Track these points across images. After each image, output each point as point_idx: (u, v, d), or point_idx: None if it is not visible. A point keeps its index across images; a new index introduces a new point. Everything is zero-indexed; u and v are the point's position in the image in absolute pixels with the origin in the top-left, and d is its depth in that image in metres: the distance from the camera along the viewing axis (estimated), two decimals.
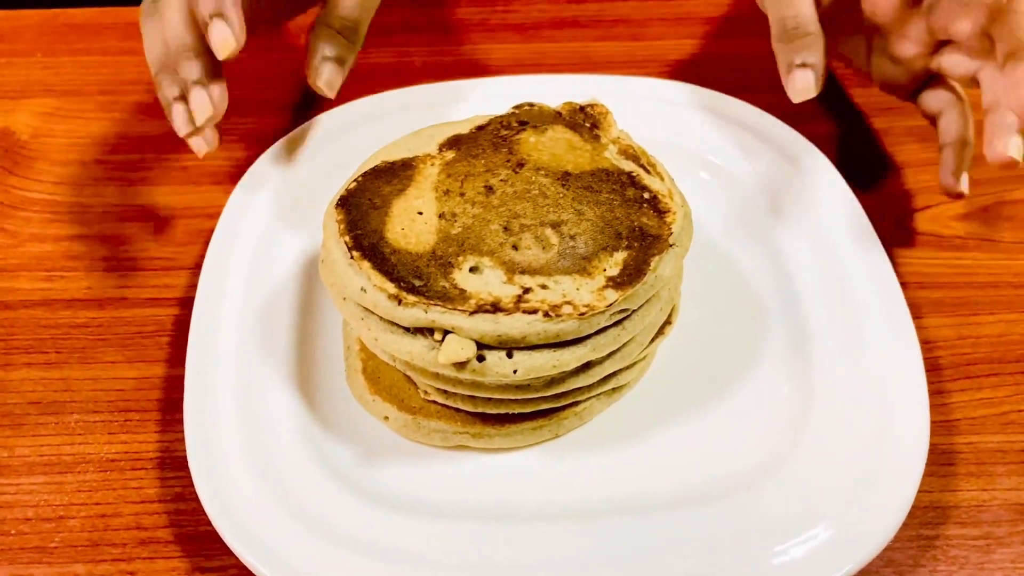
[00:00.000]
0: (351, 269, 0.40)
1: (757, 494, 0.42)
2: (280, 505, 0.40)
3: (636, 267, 0.40)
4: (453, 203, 0.42)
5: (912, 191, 0.57)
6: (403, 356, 0.40)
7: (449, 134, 0.46)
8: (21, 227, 0.55)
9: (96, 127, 0.61)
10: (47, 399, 0.47)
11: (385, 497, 0.42)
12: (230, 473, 0.41)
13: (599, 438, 0.44)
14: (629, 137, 0.47)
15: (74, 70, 0.66)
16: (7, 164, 0.59)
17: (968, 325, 0.50)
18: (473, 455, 0.44)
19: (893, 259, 0.51)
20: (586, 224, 0.41)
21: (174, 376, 0.48)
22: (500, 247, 0.40)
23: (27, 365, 0.49)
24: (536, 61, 0.66)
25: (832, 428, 0.43)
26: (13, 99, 0.63)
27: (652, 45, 0.68)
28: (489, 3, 0.71)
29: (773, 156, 0.55)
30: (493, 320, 0.38)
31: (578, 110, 0.47)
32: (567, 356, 0.40)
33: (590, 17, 0.70)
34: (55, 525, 0.43)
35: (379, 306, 0.39)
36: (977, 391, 0.48)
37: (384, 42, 0.63)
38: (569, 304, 0.39)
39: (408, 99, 0.58)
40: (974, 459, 0.45)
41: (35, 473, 0.44)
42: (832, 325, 0.47)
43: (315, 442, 0.43)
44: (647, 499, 0.42)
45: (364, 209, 0.42)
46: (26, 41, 0.68)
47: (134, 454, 0.45)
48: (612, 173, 0.44)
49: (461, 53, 0.67)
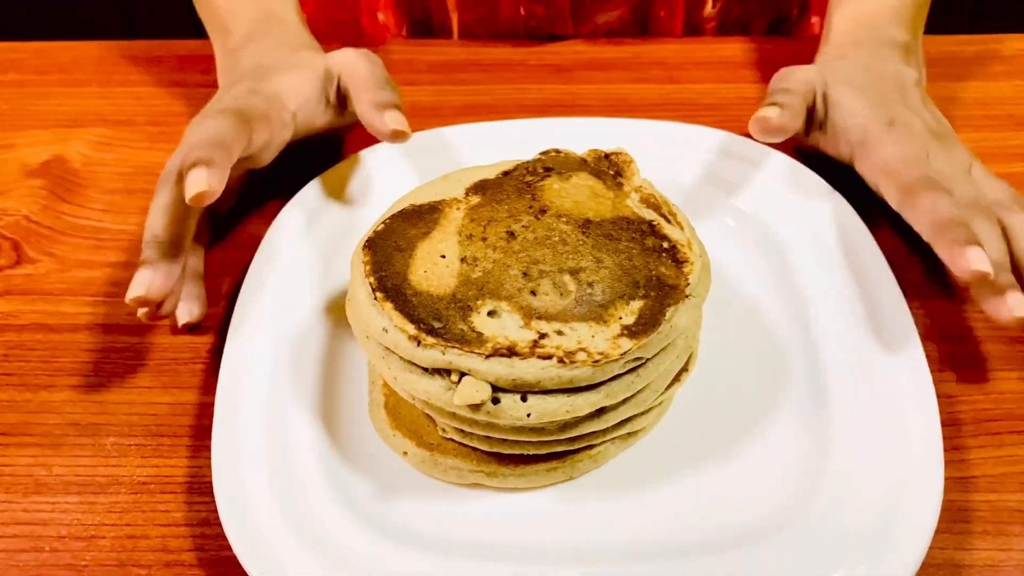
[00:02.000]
0: (374, 309, 0.42)
1: (769, 546, 0.42)
2: (300, 535, 0.42)
3: (651, 316, 0.41)
4: (475, 247, 0.43)
5: None
6: (421, 395, 0.41)
7: (476, 179, 0.47)
8: (69, 253, 0.58)
9: (144, 157, 0.64)
10: (85, 421, 0.49)
11: (401, 531, 0.43)
12: (253, 501, 0.43)
13: (613, 482, 0.45)
14: (651, 186, 0.47)
15: (126, 100, 0.68)
16: (59, 191, 0.62)
17: (991, 380, 0.50)
18: (488, 493, 0.45)
19: (917, 311, 0.51)
20: (604, 272, 0.42)
21: (206, 403, 0.50)
22: (518, 292, 0.42)
23: (68, 387, 0.51)
24: (572, 102, 0.67)
25: (846, 480, 0.44)
26: (68, 127, 0.66)
27: (687, 88, 0.69)
28: (528, 44, 0.72)
29: (799, 204, 0.55)
30: (508, 364, 0.39)
31: (603, 157, 0.48)
32: (580, 402, 0.40)
33: (627, 59, 0.71)
34: (86, 544, 0.45)
35: (399, 346, 0.41)
36: (997, 448, 0.47)
37: (424, 80, 0.65)
38: (584, 351, 0.40)
39: (443, 139, 0.59)
40: (991, 518, 0.45)
41: (70, 492, 0.46)
42: (850, 376, 0.47)
43: (336, 474, 0.45)
44: (658, 545, 0.42)
45: (389, 251, 0.43)
46: (84, 71, 0.71)
47: (164, 478, 0.47)
48: (633, 221, 0.45)
49: (499, 93, 0.68)
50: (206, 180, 0.47)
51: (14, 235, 0.59)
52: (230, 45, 0.61)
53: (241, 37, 0.61)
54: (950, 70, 0.69)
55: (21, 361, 0.52)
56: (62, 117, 0.67)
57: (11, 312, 0.54)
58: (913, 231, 0.50)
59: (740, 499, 0.44)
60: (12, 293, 0.55)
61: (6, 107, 0.68)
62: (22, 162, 0.63)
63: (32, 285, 0.56)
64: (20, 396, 0.50)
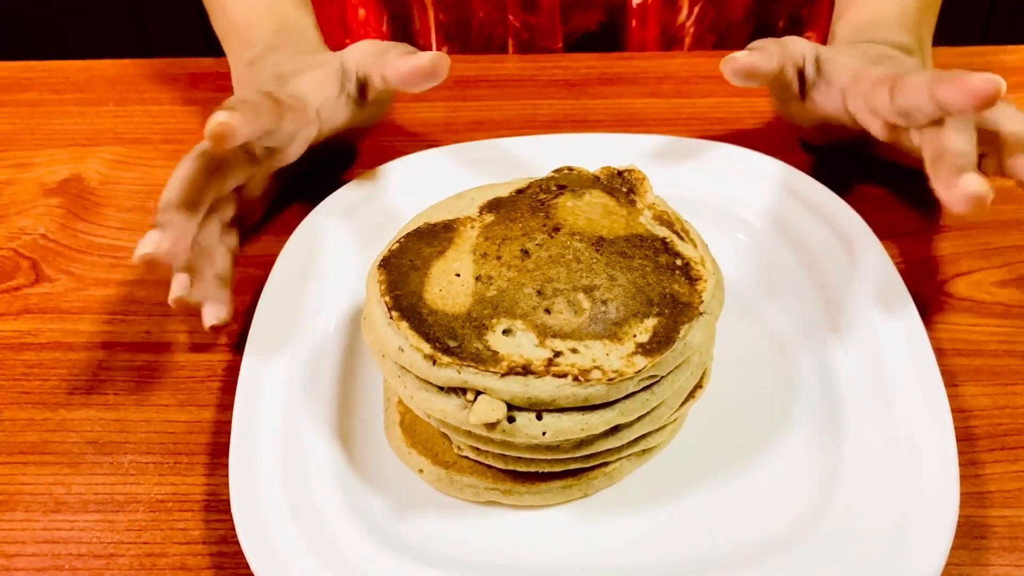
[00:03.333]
0: (390, 328, 0.42)
1: (784, 562, 0.42)
2: (317, 553, 0.42)
3: (666, 334, 0.41)
4: (490, 266, 0.44)
5: (953, 256, 0.57)
6: (436, 414, 0.41)
7: (490, 197, 0.48)
8: (86, 271, 0.58)
9: (160, 175, 0.64)
10: (103, 439, 0.50)
11: (417, 549, 0.43)
12: (270, 519, 0.43)
13: (628, 499, 0.45)
14: (665, 203, 0.48)
15: (142, 119, 0.69)
16: (76, 209, 0.62)
17: (1006, 395, 0.50)
18: (504, 511, 0.45)
19: (931, 325, 0.51)
20: (618, 290, 0.43)
21: (222, 421, 0.50)
22: (533, 311, 0.42)
23: (86, 406, 0.51)
24: (583, 117, 0.68)
25: (861, 496, 0.44)
26: (84, 146, 0.67)
27: (698, 103, 0.69)
28: (539, 59, 0.73)
29: (811, 220, 0.55)
30: (524, 383, 0.40)
31: (616, 175, 0.48)
32: (595, 420, 0.41)
33: (637, 74, 0.71)
34: (105, 562, 0.45)
35: (415, 365, 0.41)
36: (1013, 463, 0.47)
37: (435, 96, 0.65)
38: (598, 369, 0.40)
39: (455, 156, 0.60)
40: (1007, 533, 0.45)
41: (89, 511, 0.47)
42: (863, 391, 0.47)
43: (352, 491, 0.45)
44: (673, 562, 0.43)
45: (404, 270, 0.44)
46: (99, 90, 0.72)
47: (182, 496, 0.47)
48: (646, 239, 0.45)
49: (509, 108, 0.69)
50: (227, 118, 0.46)
51: (32, 254, 0.59)
52: (248, 57, 0.62)
53: (262, 49, 0.62)
54: None
55: (40, 380, 0.52)
56: (78, 136, 0.68)
57: (30, 331, 0.55)
58: (926, 244, 0.50)
59: (754, 515, 0.44)
60: (31, 312, 0.56)
61: (23, 126, 0.69)
62: (39, 181, 0.64)
63: (50, 304, 0.56)
64: (39, 415, 0.51)
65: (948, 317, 0.54)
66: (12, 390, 0.52)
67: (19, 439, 0.50)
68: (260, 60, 0.61)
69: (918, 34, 0.61)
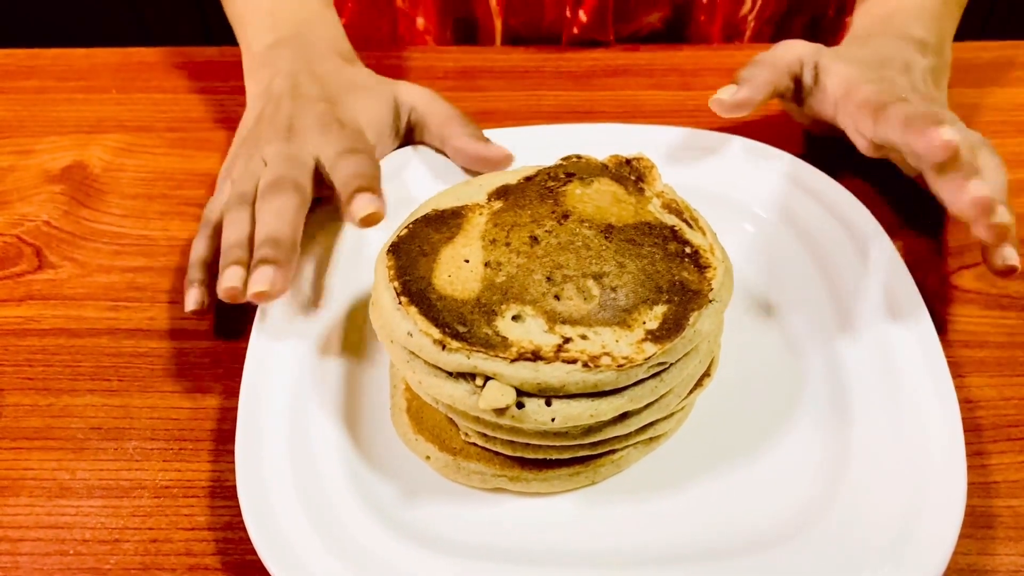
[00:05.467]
0: (399, 314, 0.42)
1: (790, 550, 0.42)
2: (323, 539, 0.42)
3: (675, 321, 0.41)
4: (499, 252, 0.43)
5: (960, 248, 0.57)
6: (445, 400, 0.41)
7: (498, 184, 0.47)
8: (90, 258, 0.58)
9: (164, 163, 0.64)
10: (108, 425, 0.49)
11: (423, 535, 0.43)
12: (277, 505, 0.43)
13: (635, 487, 0.45)
14: (673, 191, 0.48)
15: (145, 107, 0.69)
16: (80, 196, 0.62)
17: (1012, 386, 0.50)
18: (511, 498, 0.45)
19: (938, 316, 0.51)
20: (627, 277, 0.42)
21: (227, 407, 0.50)
22: (543, 297, 0.42)
23: (90, 392, 0.51)
24: (588, 109, 0.68)
25: (868, 485, 0.44)
26: (88, 133, 0.67)
27: (703, 95, 0.68)
28: (543, 51, 0.73)
29: (818, 210, 0.55)
30: (533, 368, 0.40)
31: (624, 163, 0.48)
32: (604, 406, 0.41)
33: (642, 66, 0.71)
34: (110, 548, 0.45)
35: (424, 350, 0.41)
36: (1019, 453, 0.47)
37: (439, 88, 0.65)
38: (608, 355, 0.40)
39: None
40: (1013, 523, 0.45)
41: (94, 496, 0.47)
42: (871, 381, 0.47)
43: (359, 478, 0.45)
44: (680, 550, 0.43)
45: (413, 256, 0.44)
46: (102, 78, 0.71)
47: (187, 482, 0.47)
48: (655, 227, 0.45)
49: (515, 99, 0.68)
50: (378, 207, 0.49)
51: (36, 241, 0.59)
52: (271, 40, 0.61)
53: (287, 34, 0.61)
54: (966, 76, 0.69)
55: (44, 366, 0.52)
56: (82, 123, 0.67)
57: (33, 317, 0.55)
58: (932, 236, 0.50)
59: (761, 504, 0.44)
60: (34, 298, 0.56)
61: (26, 114, 0.68)
62: (43, 168, 0.64)
63: (54, 290, 0.56)
64: (43, 400, 0.50)
65: (954, 309, 0.54)
66: (16, 376, 0.52)
67: (23, 425, 0.49)
68: (283, 46, 0.60)
69: (939, 28, 0.61)
